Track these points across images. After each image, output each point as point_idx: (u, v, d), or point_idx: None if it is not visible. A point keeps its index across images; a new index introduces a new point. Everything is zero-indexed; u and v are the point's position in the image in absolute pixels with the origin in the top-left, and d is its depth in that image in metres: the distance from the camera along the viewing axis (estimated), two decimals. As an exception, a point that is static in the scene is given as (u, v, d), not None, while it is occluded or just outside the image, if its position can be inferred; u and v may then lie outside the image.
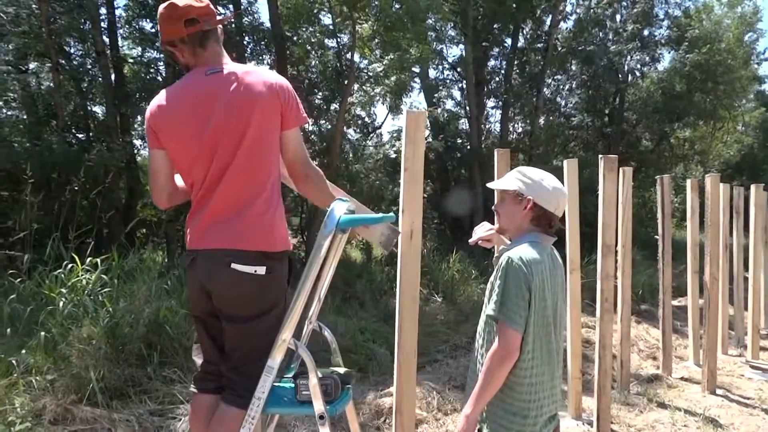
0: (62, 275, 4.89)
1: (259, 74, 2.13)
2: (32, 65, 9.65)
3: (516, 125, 16.39)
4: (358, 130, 13.29)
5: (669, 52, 16.34)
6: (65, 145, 7.73)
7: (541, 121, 15.95)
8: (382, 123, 14.86)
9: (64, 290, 4.75)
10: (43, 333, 4.17)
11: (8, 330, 4.46)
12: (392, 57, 9.91)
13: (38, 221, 7.19)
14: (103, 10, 9.18)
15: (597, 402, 4.15)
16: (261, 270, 2.01)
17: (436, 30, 13.03)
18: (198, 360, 2.25)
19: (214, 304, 2.08)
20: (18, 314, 5.00)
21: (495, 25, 14.02)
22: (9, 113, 8.44)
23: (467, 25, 12.59)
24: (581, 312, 6.69)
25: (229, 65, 2.14)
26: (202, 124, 2.07)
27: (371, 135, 14.15)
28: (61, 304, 4.59)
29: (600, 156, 4.18)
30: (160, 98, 2.18)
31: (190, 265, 2.12)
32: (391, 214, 2.13)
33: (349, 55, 10.02)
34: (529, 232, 2.04)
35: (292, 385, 2.02)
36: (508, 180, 2.11)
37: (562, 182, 4.70)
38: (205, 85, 2.10)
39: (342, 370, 2.17)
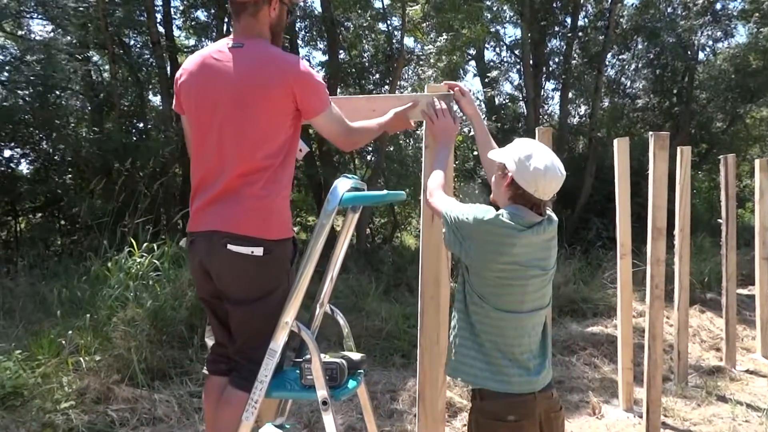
0: (122, 260, 5.04)
1: (277, 58, 2.05)
2: (96, 57, 10.02)
3: (578, 107, 15.84)
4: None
5: (744, 26, 15.33)
6: (122, 134, 7.97)
7: (605, 102, 15.34)
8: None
9: (121, 274, 4.90)
10: (88, 315, 4.30)
11: (59, 312, 4.62)
12: (445, 38, 9.72)
13: (101, 208, 7.49)
14: (159, 2, 9.41)
15: (646, 394, 3.93)
16: (258, 251, 1.96)
17: (492, 10, 12.70)
18: (209, 342, 2.23)
19: (216, 286, 2.05)
20: (77, 297, 5.23)
21: (554, 4, 13.52)
22: (73, 103, 8.77)
23: (524, 4, 12.19)
24: (640, 301, 6.41)
25: (254, 42, 2.07)
26: (210, 98, 2.04)
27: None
28: (112, 287, 4.74)
29: (650, 133, 3.91)
30: (188, 61, 2.16)
31: (190, 248, 2.10)
32: (402, 192, 2.04)
33: (399, 38, 9.88)
34: (511, 205, 1.94)
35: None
36: (503, 150, 2.00)
37: (610, 162, 4.48)
38: (222, 58, 2.05)
39: (354, 354, 2.10)
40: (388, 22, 10.20)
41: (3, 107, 8.75)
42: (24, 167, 10.22)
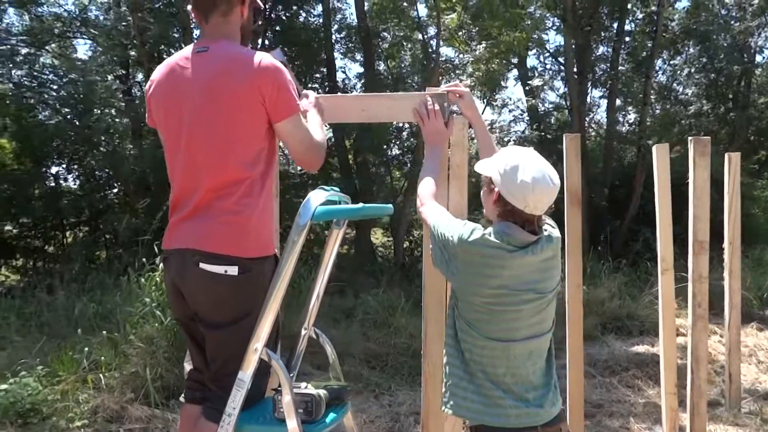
0: (157, 275, 5.00)
1: (244, 59, 1.89)
2: (140, 75, 10.24)
3: (626, 115, 15.31)
4: (453, 125, 12.95)
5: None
6: (158, 150, 8.05)
7: (657, 109, 14.76)
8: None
9: (152, 288, 4.85)
10: (104, 331, 4.27)
11: (80, 328, 4.60)
12: (484, 45, 9.52)
13: (144, 223, 7.58)
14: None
15: (690, 423, 3.60)
16: (232, 270, 1.80)
17: (535, 17, 12.40)
18: (187, 366, 2.08)
19: (191, 307, 1.91)
20: (108, 312, 5.23)
21: (599, 9, 13.11)
22: (112, 120, 8.94)
23: (567, 9, 11.85)
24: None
25: (218, 44, 1.92)
26: (177, 108, 1.92)
27: (470, 129, 13.76)
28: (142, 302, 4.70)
29: (689, 138, 3.61)
30: (156, 71, 2.03)
31: (164, 266, 1.97)
32: (388, 205, 1.88)
33: (435, 48, 9.72)
34: (501, 223, 1.73)
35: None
36: (489, 162, 1.80)
37: (650, 169, 4.18)
38: (187, 65, 1.92)
39: (339, 384, 1.91)
40: (424, 32, 10.05)
41: (48, 125, 9.02)
42: (71, 183, 10.52)
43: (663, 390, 4.16)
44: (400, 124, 11.23)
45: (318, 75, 10.52)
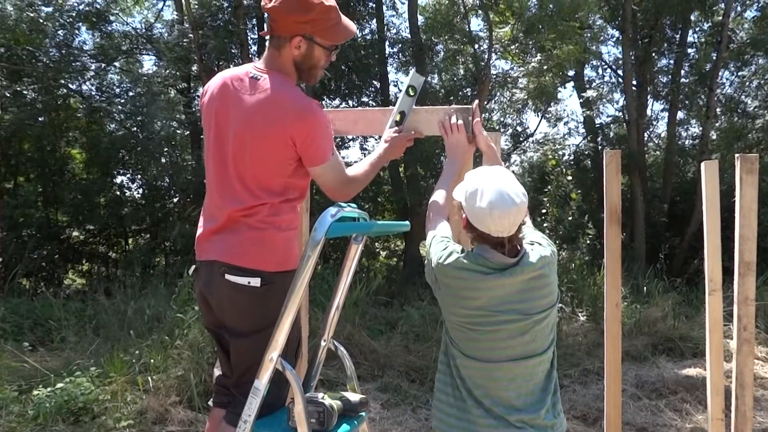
0: None
1: (284, 100, 1.97)
2: (200, 90, 10.64)
3: (689, 129, 14.81)
4: (507, 138, 12.87)
5: None
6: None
7: (723, 123, 14.23)
8: (535, 130, 14.27)
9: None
10: (152, 336, 4.45)
11: (131, 331, 4.82)
12: (539, 59, 9.43)
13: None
14: (254, 35, 9.84)
15: (734, 452, 3.45)
16: (255, 281, 1.91)
17: (592, 28, 12.19)
18: (216, 372, 2.18)
19: (217, 316, 2.02)
20: (162, 317, 5.45)
21: (660, 20, 12.76)
22: (173, 132, 9.33)
23: (626, 20, 11.60)
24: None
25: (270, 76, 2.00)
26: (225, 127, 2.02)
27: (523, 142, 13.66)
28: (189, 309, 4.89)
29: (737, 155, 3.49)
30: (212, 81, 2.13)
31: (194, 275, 2.09)
32: (405, 222, 1.92)
33: (486, 60, 9.71)
34: (479, 246, 1.74)
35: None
36: (460, 187, 1.81)
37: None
38: (240, 88, 2.01)
39: (354, 396, 1.96)
40: (476, 45, 10.05)
41: (115, 136, 9.48)
42: (135, 192, 11.01)
43: (710, 415, 4.01)
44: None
45: (371, 89, 10.65)
